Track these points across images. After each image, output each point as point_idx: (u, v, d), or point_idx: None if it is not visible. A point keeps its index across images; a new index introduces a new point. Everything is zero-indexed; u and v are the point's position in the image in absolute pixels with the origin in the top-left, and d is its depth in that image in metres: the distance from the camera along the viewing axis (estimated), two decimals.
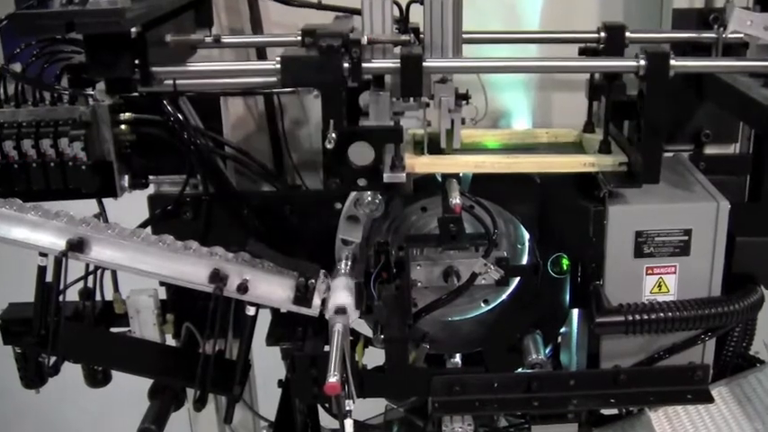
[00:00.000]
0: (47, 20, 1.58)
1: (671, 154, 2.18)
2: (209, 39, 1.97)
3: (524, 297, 2.10)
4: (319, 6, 2.09)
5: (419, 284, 2.08)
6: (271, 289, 1.90)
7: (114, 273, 2.13)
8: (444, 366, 2.15)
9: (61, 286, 1.88)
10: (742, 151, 2.25)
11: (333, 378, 1.67)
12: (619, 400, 2.02)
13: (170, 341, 2.20)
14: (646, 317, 1.89)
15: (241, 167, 2.16)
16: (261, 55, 2.12)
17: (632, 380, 1.98)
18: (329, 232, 2.01)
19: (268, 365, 2.44)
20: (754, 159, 2.24)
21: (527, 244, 2.13)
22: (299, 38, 1.94)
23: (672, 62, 1.74)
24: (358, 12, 1.79)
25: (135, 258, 1.88)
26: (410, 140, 1.97)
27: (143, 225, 2.07)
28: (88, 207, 2.03)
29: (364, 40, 1.72)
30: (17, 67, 1.91)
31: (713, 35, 2.01)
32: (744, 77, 1.85)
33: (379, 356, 1.96)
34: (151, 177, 2.08)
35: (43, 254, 1.86)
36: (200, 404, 2.01)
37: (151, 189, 2.12)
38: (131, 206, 2.06)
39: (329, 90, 1.71)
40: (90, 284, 2.15)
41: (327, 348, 1.83)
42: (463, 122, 1.82)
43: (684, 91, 2.03)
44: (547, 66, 1.97)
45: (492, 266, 1.91)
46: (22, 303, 2.05)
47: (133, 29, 1.65)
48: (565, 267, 2.01)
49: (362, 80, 1.75)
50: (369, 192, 1.88)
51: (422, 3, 1.76)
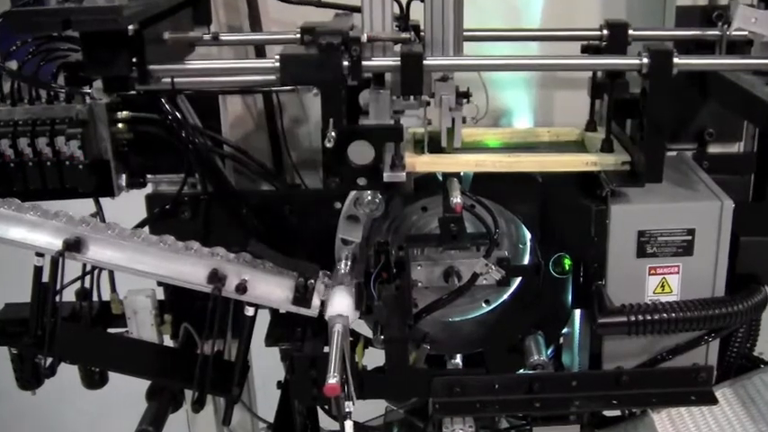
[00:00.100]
0: (43, 17, 1.57)
1: (674, 153, 2.17)
2: (207, 36, 1.96)
3: (526, 297, 2.10)
4: (319, 4, 2.08)
5: (419, 285, 2.08)
6: (270, 289, 1.90)
7: (111, 273, 2.12)
8: (445, 367, 2.14)
9: (58, 286, 1.87)
10: (746, 150, 2.23)
11: (332, 379, 1.66)
12: (621, 402, 2.01)
13: (168, 342, 2.20)
14: (648, 317, 1.88)
15: (240, 166, 2.15)
16: (260, 53, 2.12)
17: (635, 381, 1.97)
18: (329, 232, 2.00)
19: (267, 366, 2.43)
20: (758, 158, 2.22)
21: (528, 244, 2.12)
22: (299, 36, 1.93)
23: (675, 60, 1.73)
24: (358, 9, 1.78)
25: (132, 258, 1.88)
26: (410, 139, 1.96)
27: (141, 225, 2.06)
28: (87, 207, 2.02)
29: (364, 38, 1.71)
30: (13, 65, 1.89)
31: (717, 33, 1.99)
32: (748, 75, 1.84)
33: (379, 357, 1.95)
34: (149, 176, 2.08)
35: (40, 254, 1.85)
36: (198, 405, 2.00)
37: (149, 188, 2.11)
38: (129, 206, 2.05)
39: (329, 88, 1.70)
40: (87, 285, 2.14)
41: (327, 349, 1.82)
42: (464, 121, 1.81)
43: (688, 89, 2.02)
44: (548, 64, 1.95)
45: (493, 266, 1.91)
46: (19, 304, 2.04)
47: (130, 26, 1.64)
48: (567, 267, 2.01)
49: (362, 78, 1.74)
50: (369, 191, 1.88)
51: (422, 0, 1.75)
